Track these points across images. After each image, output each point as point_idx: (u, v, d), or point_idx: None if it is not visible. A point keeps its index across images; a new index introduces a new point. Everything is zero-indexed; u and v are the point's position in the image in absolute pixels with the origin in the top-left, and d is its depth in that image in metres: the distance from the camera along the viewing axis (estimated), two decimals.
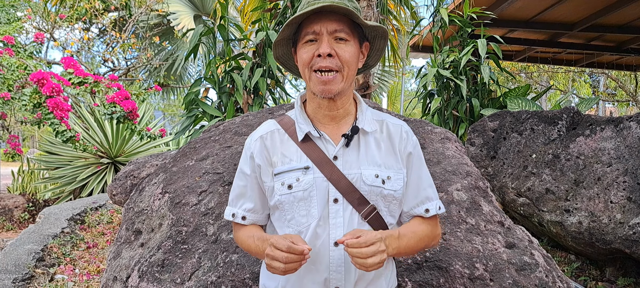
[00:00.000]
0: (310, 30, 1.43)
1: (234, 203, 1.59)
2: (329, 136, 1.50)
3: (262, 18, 5.41)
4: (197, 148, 2.99)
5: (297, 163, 1.49)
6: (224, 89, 5.26)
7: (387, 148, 1.52)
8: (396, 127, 1.55)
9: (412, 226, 1.52)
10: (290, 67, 1.63)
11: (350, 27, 1.45)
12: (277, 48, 1.57)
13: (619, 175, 3.46)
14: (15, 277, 3.68)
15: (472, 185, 2.57)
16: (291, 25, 1.47)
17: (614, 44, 9.05)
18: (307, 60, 1.44)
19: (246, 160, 1.57)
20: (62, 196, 7.87)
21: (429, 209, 1.54)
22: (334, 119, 1.52)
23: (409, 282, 2.10)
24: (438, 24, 6.18)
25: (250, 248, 1.52)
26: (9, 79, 5.20)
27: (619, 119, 3.73)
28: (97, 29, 12.77)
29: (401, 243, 1.43)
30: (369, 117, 1.54)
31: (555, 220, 3.67)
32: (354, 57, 1.46)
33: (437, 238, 1.58)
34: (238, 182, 1.59)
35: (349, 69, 1.45)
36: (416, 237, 1.49)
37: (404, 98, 15.79)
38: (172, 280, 2.22)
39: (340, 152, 1.48)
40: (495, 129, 4.39)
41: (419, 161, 1.56)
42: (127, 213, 2.87)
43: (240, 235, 1.57)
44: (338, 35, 1.43)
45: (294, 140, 1.52)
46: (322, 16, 1.43)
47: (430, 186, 1.57)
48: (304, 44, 1.46)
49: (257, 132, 1.58)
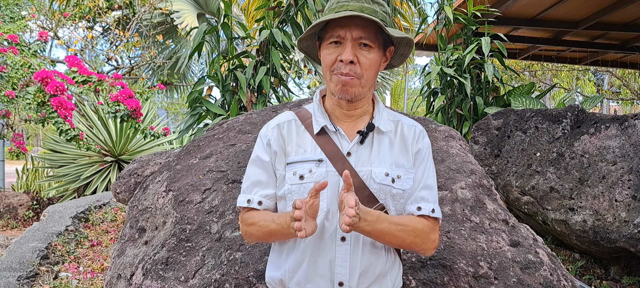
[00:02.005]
0: (335, 34, 1.44)
1: (248, 191, 1.55)
2: (345, 132, 1.51)
3: (266, 16, 5.40)
4: (201, 147, 2.99)
5: (311, 155, 1.49)
6: (227, 87, 5.26)
7: (400, 148, 1.53)
8: (410, 127, 1.56)
9: (401, 218, 1.48)
10: (314, 57, 1.64)
11: (375, 33, 1.45)
12: (301, 42, 1.58)
13: (623, 174, 3.45)
14: (20, 274, 3.69)
15: (476, 183, 2.57)
16: (317, 25, 1.48)
17: (619, 41, 9.02)
18: (330, 63, 1.45)
19: (263, 148, 1.56)
20: (66, 194, 7.89)
21: (421, 207, 1.51)
22: (351, 117, 1.53)
23: (413, 280, 2.10)
24: (442, 22, 6.17)
25: (269, 230, 1.47)
26: (13, 77, 5.21)
27: (624, 117, 3.71)
28: (101, 27, 12.79)
29: (378, 226, 1.38)
30: (385, 117, 1.55)
31: (560, 219, 3.66)
32: (375, 64, 1.46)
33: (431, 244, 1.52)
34: (255, 169, 1.56)
35: (369, 75, 1.46)
36: (400, 228, 1.44)
37: (407, 96, 15.78)
38: (176, 278, 2.23)
39: (354, 148, 1.49)
40: (499, 127, 4.38)
41: (425, 162, 1.55)
42: (131, 211, 2.87)
43: (255, 219, 1.51)
44: (362, 42, 1.43)
45: (309, 132, 1.53)
46: (349, 21, 1.43)
47: (428, 188, 1.53)
48: (328, 44, 1.46)
49: (273, 121, 1.59)
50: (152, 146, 8.49)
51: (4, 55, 5.28)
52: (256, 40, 5.48)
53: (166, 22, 12.44)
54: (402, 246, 1.50)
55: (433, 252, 1.56)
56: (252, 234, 1.54)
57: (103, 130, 8.10)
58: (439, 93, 6.14)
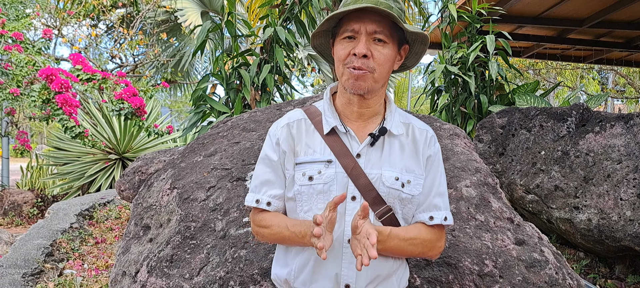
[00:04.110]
0: (350, 28, 1.42)
1: (257, 190, 1.55)
2: (355, 133, 1.49)
3: (270, 14, 5.40)
4: (205, 144, 2.99)
5: (320, 155, 1.48)
6: (231, 85, 5.26)
7: (411, 152, 1.51)
8: (422, 131, 1.54)
9: (410, 230, 1.48)
10: (327, 56, 1.62)
11: (390, 28, 1.43)
12: (315, 38, 1.56)
13: (629, 172, 3.43)
14: (25, 271, 3.70)
15: (481, 182, 2.56)
16: (332, 19, 1.46)
17: (624, 40, 8.97)
18: (343, 57, 1.44)
19: (272, 147, 1.54)
20: (71, 192, 7.92)
21: (433, 217, 1.50)
22: (362, 116, 1.51)
23: (418, 279, 2.10)
24: (446, 20, 6.15)
25: (281, 235, 1.47)
26: (18, 74, 5.22)
27: (629, 115, 3.70)
28: (105, 25, 12.82)
29: (387, 245, 1.40)
30: (397, 119, 1.53)
31: (564, 217, 3.65)
32: (389, 60, 1.44)
33: (438, 250, 1.53)
34: (263, 168, 1.55)
35: (382, 70, 1.44)
36: (409, 242, 1.45)
37: (410, 94, 15.75)
38: (180, 275, 2.23)
39: (364, 150, 1.48)
40: (503, 126, 4.37)
41: (436, 167, 1.54)
42: (135, 208, 2.87)
43: (267, 221, 1.51)
44: (377, 36, 1.41)
45: (319, 131, 1.51)
46: (364, 15, 1.41)
47: (440, 195, 1.53)
48: (342, 39, 1.44)
49: (283, 120, 1.57)
50: (156, 144, 8.51)
51: (8, 53, 5.29)
52: (260, 38, 5.48)
53: (170, 20, 12.46)
54: (409, 256, 1.51)
55: (438, 256, 1.56)
56: (263, 235, 1.54)
57: (107, 128, 8.13)
58: (443, 91, 6.12)
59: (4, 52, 5.33)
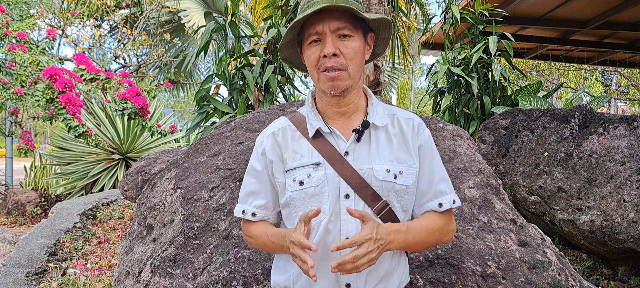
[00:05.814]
0: (314, 31, 1.43)
1: (244, 201, 1.58)
2: (340, 132, 1.49)
3: (273, 15, 5.41)
4: (209, 145, 3.00)
5: (308, 159, 1.48)
6: (235, 86, 5.27)
7: (400, 143, 1.50)
8: (407, 120, 1.54)
9: (423, 220, 1.49)
10: (299, 65, 1.62)
11: (352, 21, 1.44)
12: (283, 50, 1.57)
13: (632, 174, 3.43)
14: (29, 271, 3.72)
15: (484, 183, 2.56)
16: (294, 28, 1.47)
17: (627, 41, 8.96)
18: (314, 61, 1.44)
19: (257, 157, 1.56)
20: (74, 191, 7.94)
21: (442, 203, 1.51)
22: (344, 114, 1.51)
23: (421, 279, 2.10)
24: (449, 21, 6.15)
25: (265, 244, 1.52)
26: (22, 74, 5.24)
27: (632, 117, 3.69)
28: (109, 25, 12.85)
29: (408, 238, 1.41)
30: (379, 111, 1.53)
31: (567, 219, 3.65)
32: (359, 52, 1.45)
33: (451, 234, 1.55)
34: (249, 178, 1.58)
35: (355, 65, 1.44)
36: (426, 231, 1.46)
37: (413, 95, 15.74)
38: (183, 275, 2.24)
39: (351, 147, 1.47)
40: (506, 127, 4.37)
41: (431, 154, 1.54)
42: (139, 208, 2.88)
43: (252, 232, 1.56)
44: (341, 32, 1.42)
45: (305, 136, 1.51)
46: (324, 15, 1.41)
47: (444, 180, 1.54)
48: (309, 44, 1.45)
49: (268, 129, 1.58)
50: (159, 144, 8.53)
51: (13, 53, 5.31)
52: (263, 39, 5.49)
53: (173, 21, 12.49)
54: (428, 247, 1.52)
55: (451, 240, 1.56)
56: (251, 244, 1.60)
57: (110, 128, 8.15)
58: (446, 92, 6.12)
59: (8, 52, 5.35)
